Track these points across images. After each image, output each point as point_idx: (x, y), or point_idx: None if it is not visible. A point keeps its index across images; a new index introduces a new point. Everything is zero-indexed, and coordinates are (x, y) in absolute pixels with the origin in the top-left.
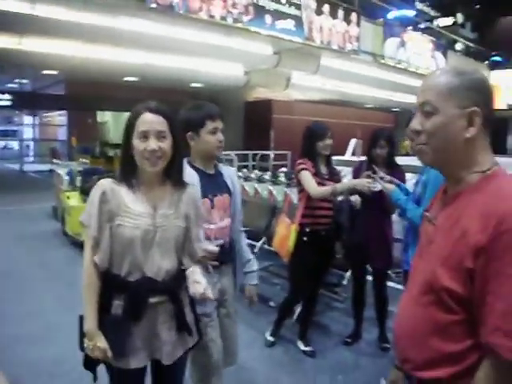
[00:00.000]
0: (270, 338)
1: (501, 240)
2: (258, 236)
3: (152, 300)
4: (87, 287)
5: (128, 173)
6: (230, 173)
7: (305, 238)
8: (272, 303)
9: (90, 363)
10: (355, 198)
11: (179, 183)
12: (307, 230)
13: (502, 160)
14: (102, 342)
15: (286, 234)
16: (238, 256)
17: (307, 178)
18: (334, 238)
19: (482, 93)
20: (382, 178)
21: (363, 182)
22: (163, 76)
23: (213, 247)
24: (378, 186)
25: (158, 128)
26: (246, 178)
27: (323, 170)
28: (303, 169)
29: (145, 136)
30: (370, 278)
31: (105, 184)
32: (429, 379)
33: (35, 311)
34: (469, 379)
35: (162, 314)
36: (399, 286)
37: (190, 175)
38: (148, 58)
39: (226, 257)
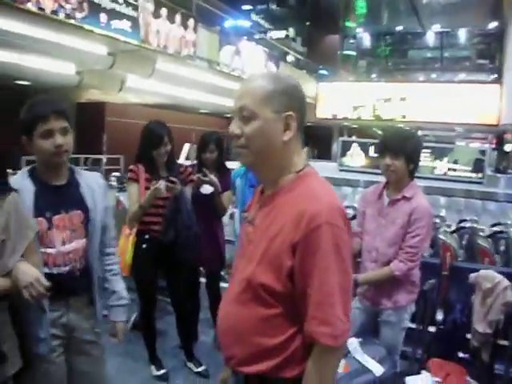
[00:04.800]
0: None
1: (311, 236)
2: None
3: None
4: None
5: None
6: (92, 182)
7: (143, 246)
8: None
9: None
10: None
11: None
12: (146, 237)
13: (327, 164)
14: None
15: (124, 245)
16: (97, 284)
17: (129, 193)
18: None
19: (296, 98)
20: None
21: (159, 187)
22: None
23: (43, 280)
24: (208, 189)
25: None
26: None
27: (163, 172)
28: (129, 179)
29: None
30: (203, 279)
31: None
32: (252, 374)
33: None
34: (289, 368)
35: None
36: None
37: (21, 189)
38: None
39: (76, 287)
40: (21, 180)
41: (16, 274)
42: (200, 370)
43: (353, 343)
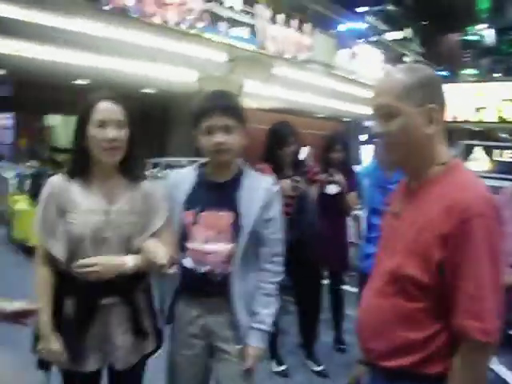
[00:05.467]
0: (276, 368)
1: (463, 228)
2: None
3: (104, 301)
4: (38, 287)
5: (80, 167)
6: (257, 187)
7: None
8: None
9: (43, 363)
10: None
11: (135, 178)
12: None
13: None
14: (55, 345)
15: None
16: (239, 299)
17: None
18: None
19: (435, 88)
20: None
21: (284, 186)
22: (115, 80)
23: (161, 257)
24: (334, 189)
25: (117, 117)
26: None
27: (289, 172)
28: None
29: (102, 125)
30: (324, 281)
31: (54, 181)
32: (393, 368)
33: None
34: (432, 364)
35: (116, 316)
36: (354, 289)
37: (181, 181)
38: (99, 61)
39: (212, 291)
40: (186, 172)
41: (143, 253)
42: (319, 369)
43: None
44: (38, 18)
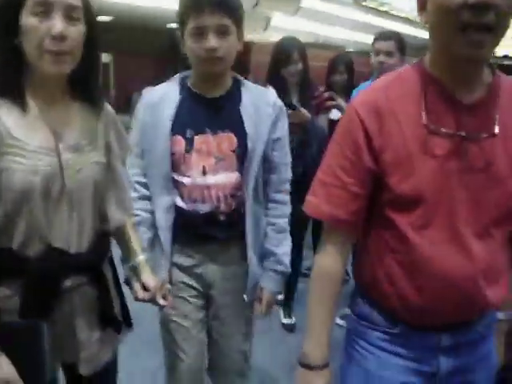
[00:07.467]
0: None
1: None
2: None
3: (66, 284)
4: None
5: (10, 80)
6: (261, 102)
7: None
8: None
9: None
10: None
11: (94, 99)
12: None
13: None
14: (6, 368)
15: None
16: (254, 237)
17: None
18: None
19: None
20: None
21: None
22: (137, 16)
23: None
24: (337, 114)
25: (69, 1)
26: None
27: (294, 96)
28: None
29: (44, 11)
30: None
31: None
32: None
33: None
34: None
35: (81, 302)
36: None
37: (163, 98)
38: None
39: (217, 234)
40: (166, 87)
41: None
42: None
43: None
44: None
